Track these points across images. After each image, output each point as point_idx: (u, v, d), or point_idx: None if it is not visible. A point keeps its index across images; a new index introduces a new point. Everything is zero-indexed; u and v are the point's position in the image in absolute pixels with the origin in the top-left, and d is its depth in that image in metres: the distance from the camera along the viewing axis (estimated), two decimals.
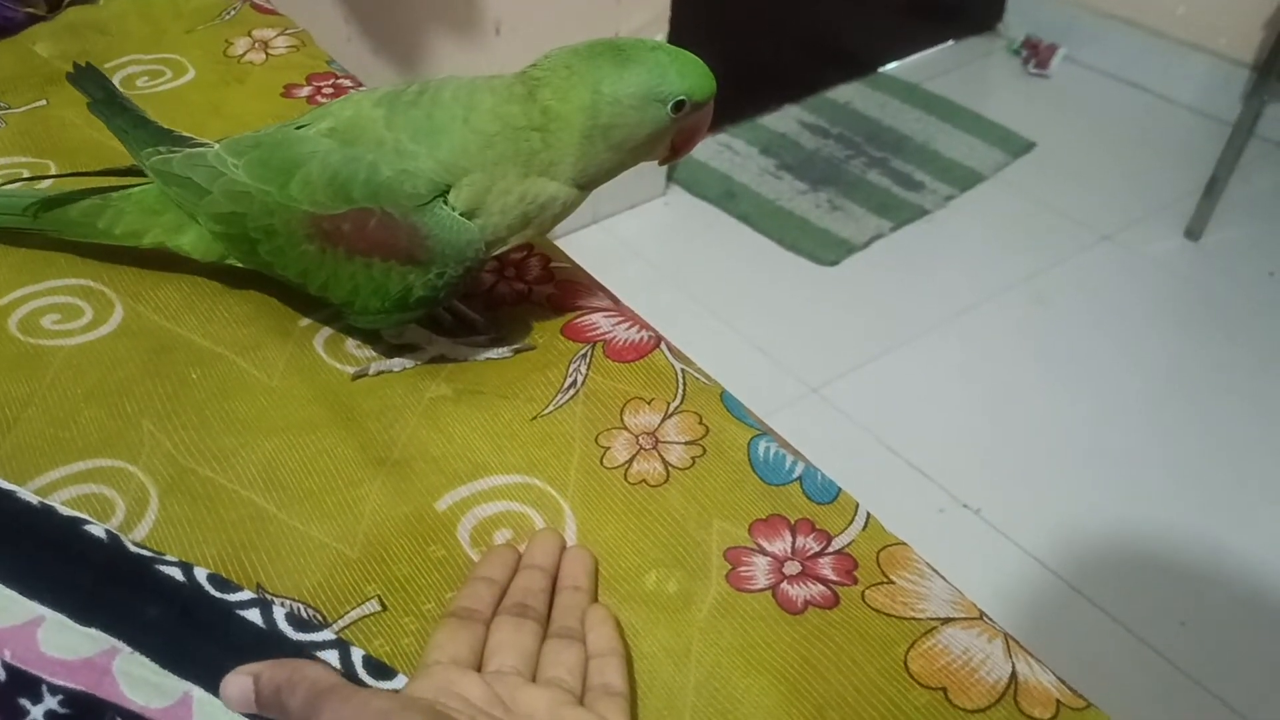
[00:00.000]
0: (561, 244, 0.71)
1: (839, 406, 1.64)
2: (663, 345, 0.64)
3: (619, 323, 0.65)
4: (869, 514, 0.55)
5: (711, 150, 2.12)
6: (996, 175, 2.13)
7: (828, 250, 1.91)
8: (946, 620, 0.51)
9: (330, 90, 0.81)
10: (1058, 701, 0.48)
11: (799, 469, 0.57)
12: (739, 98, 2.19)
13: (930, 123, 2.25)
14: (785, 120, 2.23)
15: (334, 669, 0.45)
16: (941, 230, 2.01)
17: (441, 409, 0.59)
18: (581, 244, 0.60)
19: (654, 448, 0.58)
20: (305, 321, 0.64)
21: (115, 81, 0.82)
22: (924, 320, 1.80)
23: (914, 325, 1.79)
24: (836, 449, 1.57)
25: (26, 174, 0.72)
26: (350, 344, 0.63)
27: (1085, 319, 1.83)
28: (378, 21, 1.52)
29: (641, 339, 0.64)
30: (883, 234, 1.97)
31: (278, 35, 0.87)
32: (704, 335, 1.74)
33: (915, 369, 1.71)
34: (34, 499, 0.50)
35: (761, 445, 0.58)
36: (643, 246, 1.93)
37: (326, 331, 0.63)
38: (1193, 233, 2.01)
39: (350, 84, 0.83)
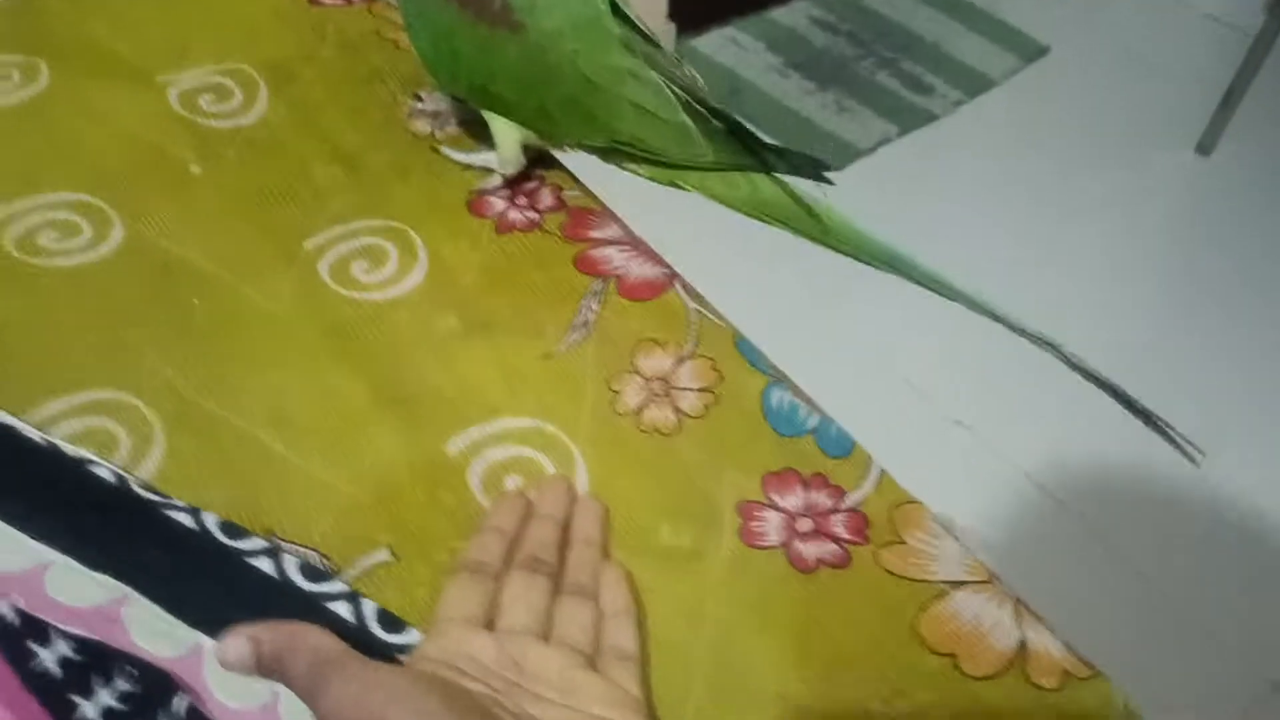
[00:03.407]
0: (567, 162, 0.69)
1: (835, 321, 1.63)
2: (677, 284, 0.62)
3: (632, 257, 0.63)
4: (883, 470, 0.55)
5: (717, 44, 2.07)
6: (1007, 81, 2.08)
7: (832, 155, 1.88)
8: (958, 584, 0.51)
9: None
10: (1065, 671, 0.48)
11: (813, 420, 0.56)
12: None
13: (942, 22, 2.19)
14: (794, 15, 2.17)
15: (345, 622, 0.45)
16: (949, 137, 1.97)
17: (451, 345, 0.58)
18: (583, 154, 0.59)
19: (666, 394, 0.57)
20: (310, 244, 0.62)
21: None
22: (925, 232, 1.76)
23: (915, 237, 1.74)
24: (831, 363, 1.56)
25: (17, 76, 0.69)
26: (356, 268, 0.61)
27: (1089, 233, 1.81)
28: None
29: (655, 276, 0.62)
30: (890, 139, 1.93)
31: None
32: (701, 244, 1.71)
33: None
34: (39, 436, 0.48)
35: (775, 394, 0.57)
36: None
37: (331, 256, 0.61)
38: (1204, 147, 1.98)
39: None
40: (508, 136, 0.63)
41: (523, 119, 0.61)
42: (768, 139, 0.60)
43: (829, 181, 0.58)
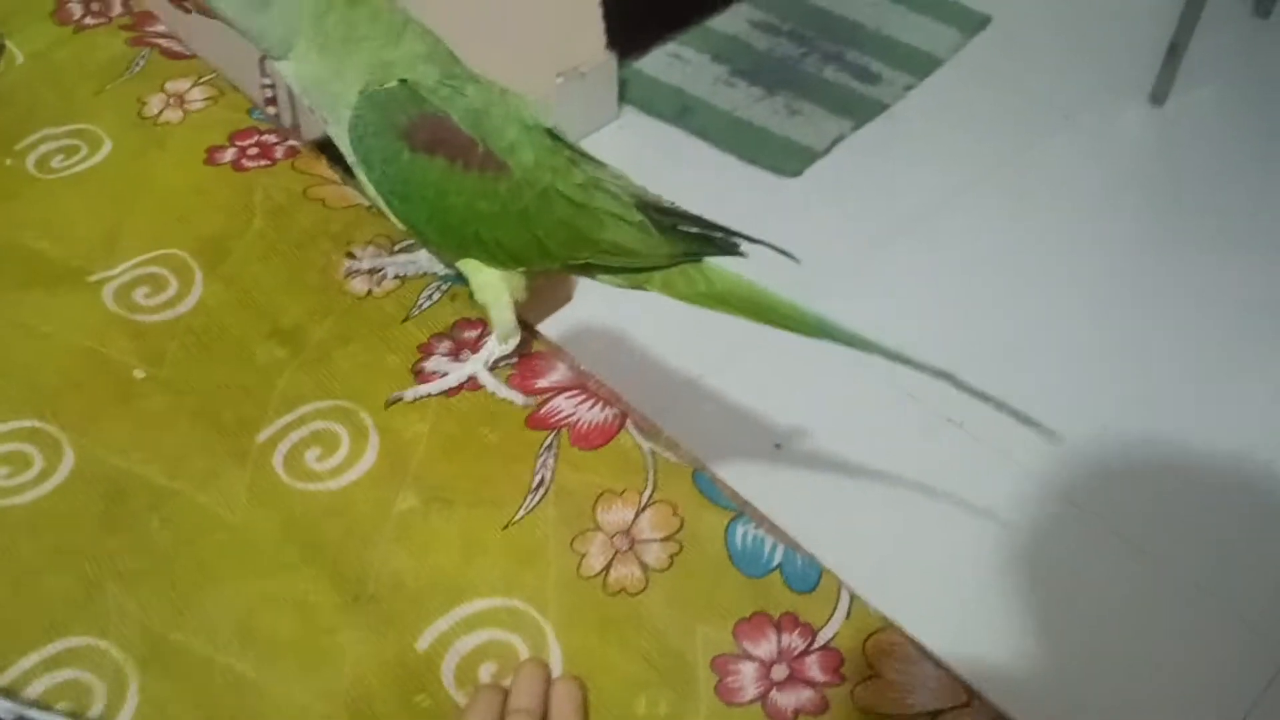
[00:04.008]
0: None
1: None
2: (629, 424, 0.63)
3: (582, 402, 0.64)
4: (852, 597, 0.55)
5: (661, 64, 2.06)
6: (954, 57, 2.08)
7: (789, 160, 1.88)
8: (936, 714, 0.51)
9: (255, 150, 0.77)
10: None
11: (778, 555, 0.57)
12: (685, 1, 2.12)
13: (881, 6, 2.18)
14: (735, 21, 2.16)
15: None
16: (903, 125, 1.96)
17: (411, 525, 0.58)
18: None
19: (630, 549, 0.57)
20: (262, 437, 0.62)
21: (29, 164, 0.78)
22: (890, 226, 1.78)
23: (880, 232, 1.76)
24: (813, 369, 1.56)
25: None
26: (309, 457, 0.61)
27: (1057, 204, 1.81)
28: None
29: (606, 419, 0.63)
30: (844, 135, 1.93)
31: (192, 86, 0.83)
32: None
33: (884, 279, 1.69)
34: (11, 714, 0.49)
35: (739, 531, 0.58)
36: None
37: (284, 447, 0.62)
38: (1157, 98, 1.98)
39: (275, 139, 0.79)
40: (502, 307, 0.64)
41: (514, 254, 0.62)
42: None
43: (743, 255, 0.66)
